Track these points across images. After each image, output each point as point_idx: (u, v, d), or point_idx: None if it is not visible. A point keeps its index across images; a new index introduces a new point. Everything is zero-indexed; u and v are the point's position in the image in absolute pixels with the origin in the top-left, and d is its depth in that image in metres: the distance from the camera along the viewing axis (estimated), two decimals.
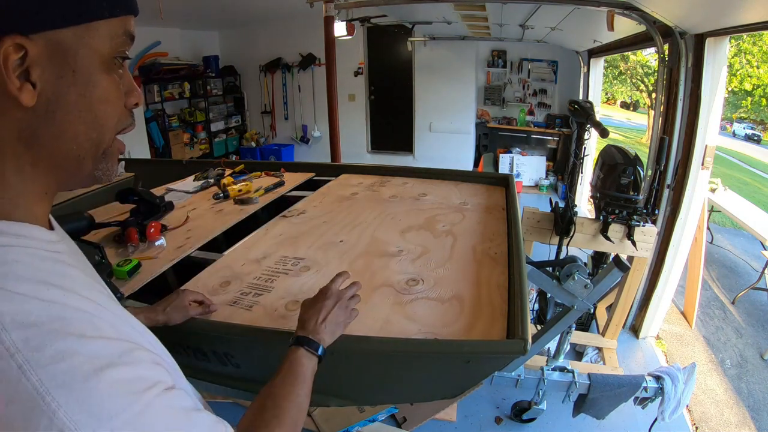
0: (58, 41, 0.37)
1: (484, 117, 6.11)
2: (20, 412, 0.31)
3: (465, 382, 0.92)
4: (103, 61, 0.41)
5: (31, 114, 0.38)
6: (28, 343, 0.33)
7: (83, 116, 0.40)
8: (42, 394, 0.32)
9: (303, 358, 0.67)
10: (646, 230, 2.08)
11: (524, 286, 0.99)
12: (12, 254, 0.37)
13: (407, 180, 1.92)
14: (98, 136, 0.42)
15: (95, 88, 0.40)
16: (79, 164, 0.42)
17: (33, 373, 0.32)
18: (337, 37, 2.98)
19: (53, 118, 0.39)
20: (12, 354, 0.32)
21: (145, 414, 0.36)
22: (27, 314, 0.34)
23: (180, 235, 1.41)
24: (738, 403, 2.26)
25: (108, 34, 0.40)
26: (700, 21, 1.97)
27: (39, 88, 0.37)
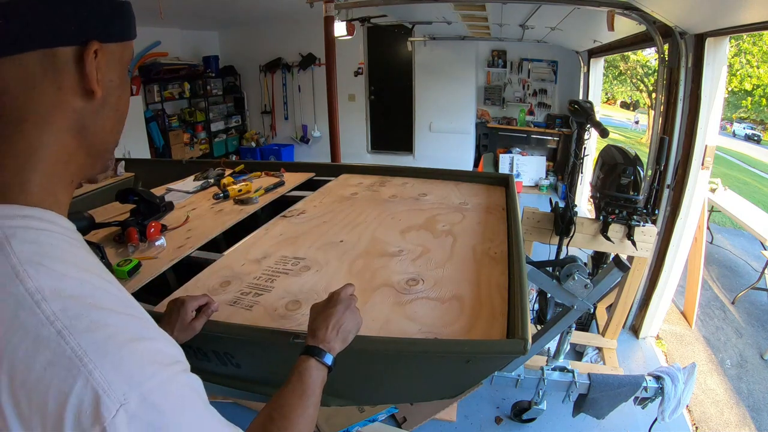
0: (113, 51, 0.46)
1: (484, 117, 6.11)
2: (59, 373, 0.34)
3: (465, 382, 0.92)
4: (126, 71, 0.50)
5: (88, 107, 0.45)
6: (66, 312, 0.36)
7: (117, 114, 0.49)
8: (80, 356, 0.35)
9: (313, 369, 0.65)
10: (646, 230, 2.08)
11: (524, 286, 0.99)
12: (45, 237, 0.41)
13: (407, 180, 1.92)
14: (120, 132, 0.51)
15: (124, 92, 0.50)
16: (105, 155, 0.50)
17: (72, 338, 0.35)
18: (337, 37, 2.98)
19: (102, 112, 0.47)
20: (52, 321, 0.36)
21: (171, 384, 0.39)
22: (64, 288, 0.38)
23: (180, 235, 1.41)
24: (738, 403, 2.26)
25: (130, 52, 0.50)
26: (700, 21, 1.97)
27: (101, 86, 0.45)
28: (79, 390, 0.34)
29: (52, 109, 0.43)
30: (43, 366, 0.34)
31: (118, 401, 0.35)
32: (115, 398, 0.35)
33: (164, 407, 0.37)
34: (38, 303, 0.36)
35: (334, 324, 0.72)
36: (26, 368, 0.35)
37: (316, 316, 0.74)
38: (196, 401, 0.42)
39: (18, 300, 0.36)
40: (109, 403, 0.34)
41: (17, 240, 0.39)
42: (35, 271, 0.37)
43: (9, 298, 0.36)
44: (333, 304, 0.75)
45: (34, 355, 0.35)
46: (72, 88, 0.43)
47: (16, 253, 0.38)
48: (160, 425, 0.37)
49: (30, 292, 0.36)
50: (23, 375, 0.34)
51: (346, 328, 0.72)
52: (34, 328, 0.35)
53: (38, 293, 0.36)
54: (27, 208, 0.42)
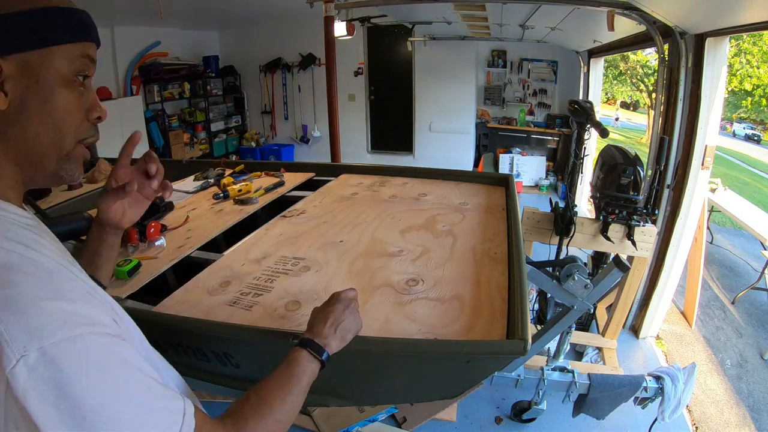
0: (26, 60, 0.48)
1: (484, 117, 6.11)
2: None
3: (465, 382, 0.92)
4: (63, 77, 0.50)
5: (3, 116, 0.47)
6: None
7: (43, 119, 0.49)
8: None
9: (303, 359, 0.65)
10: (646, 230, 2.08)
11: (524, 286, 0.99)
12: None
13: (407, 180, 1.92)
14: (58, 138, 0.51)
15: (55, 98, 0.50)
16: (42, 161, 0.51)
17: None
18: (337, 37, 2.98)
19: (18, 119, 0.48)
20: None
21: (77, 342, 0.40)
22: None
23: (180, 235, 1.41)
24: (738, 403, 2.26)
25: (67, 57, 0.50)
26: (700, 21, 1.97)
27: (10, 97, 0.47)
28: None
29: None
30: None
31: (18, 353, 0.38)
32: (16, 349, 0.38)
33: (65, 364, 0.39)
34: None
35: (332, 321, 0.71)
36: None
37: (316, 314, 0.74)
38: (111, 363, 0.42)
39: None
40: (9, 354, 0.37)
41: None
42: None
43: None
44: (333, 303, 0.74)
45: None
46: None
47: None
48: (60, 381, 0.38)
49: None
50: None
51: (345, 326, 0.71)
52: None
53: None
54: None
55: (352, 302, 0.76)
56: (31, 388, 0.37)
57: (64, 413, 0.38)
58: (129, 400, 0.42)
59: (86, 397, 0.39)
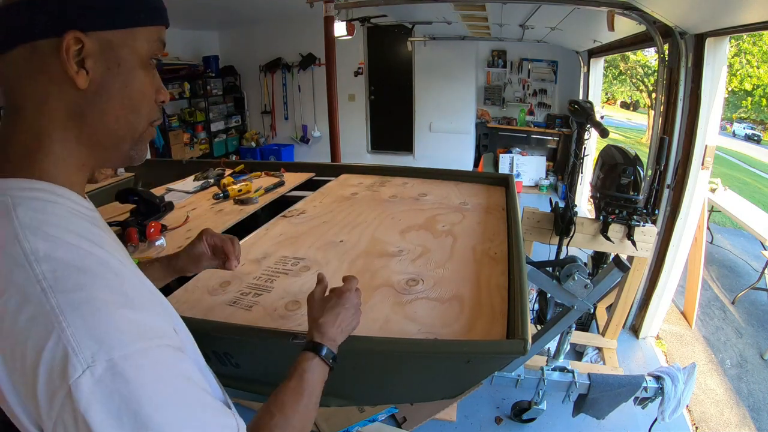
0: (108, 40, 0.46)
1: (484, 117, 6.11)
2: (38, 328, 0.37)
3: (465, 382, 0.92)
4: (141, 60, 0.50)
5: (82, 95, 0.46)
6: (53, 273, 0.39)
7: (123, 102, 0.49)
8: (57, 314, 0.37)
9: (317, 366, 0.64)
10: (646, 230, 2.08)
11: (524, 286, 0.99)
12: (51, 208, 0.45)
13: (407, 180, 1.92)
14: (134, 120, 0.51)
15: (134, 80, 0.49)
16: (118, 143, 0.51)
17: (53, 296, 0.38)
18: (337, 37, 2.98)
19: (99, 100, 0.47)
20: (39, 280, 0.38)
21: (146, 356, 0.39)
22: (56, 252, 0.41)
23: (180, 235, 1.41)
24: (738, 403, 2.26)
25: (146, 39, 0.50)
26: (700, 21, 1.97)
27: (91, 75, 0.46)
28: (51, 346, 0.36)
29: (45, 97, 0.45)
30: (26, 319, 0.37)
31: (85, 362, 0.36)
32: (83, 359, 0.36)
33: (132, 378, 0.37)
34: (31, 263, 0.39)
35: (340, 322, 0.69)
36: (13, 320, 0.38)
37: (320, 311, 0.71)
38: (176, 379, 0.41)
39: (15, 259, 0.40)
40: (75, 363, 0.36)
41: (22, 208, 0.43)
42: (33, 235, 0.41)
43: (7, 258, 0.40)
44: (341, 302, 0.71)
45: (20, 309, 0.38)
46: (62, 78, 0.45)
47: (19, 219, 0.42)
48: (126, 395, 0.37)
49: (26, 253, 0.40)
50: (10, 326, 0.38)
51: (350, 326, 0.72)
52: (23, 285, 0.38)
53: (32, 254, 0.40)
54: (38, 182, 0.46)
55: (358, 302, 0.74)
56: (95, 400, 0.36)
57: (126, 428, 0.36)
58: (191, 418, 0.41)
59: (151, 413, 0.38)
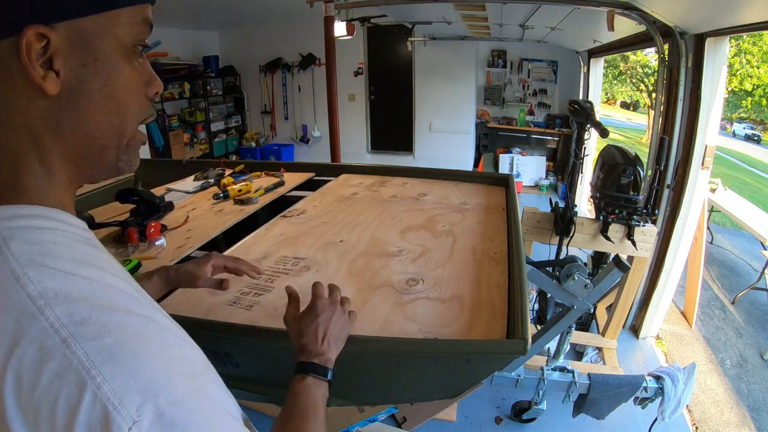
0: (80, 30, 0.38)
1: (484, 117, 6.11)
2: (66, 387, 0.31)
3: (465, 382, 0.92)
4: (124, 49, 0.41)
5: (55, 102, 0.38)
6: (72, 317, 0.33)
7: (106, 104, 0.40)
8: (87, 367, 0.31)
9: (311, 387, 0.60)
10: (646, 230, 2.08)
11: (524, 286, 0.99)
12: (49, 235, 0.38)
13: (407, 180, 1.92)
14: (121, 125, 0.42)
15: (118, 76, 0.41)
16: (102, 154, 0.42)
17: (78, 347, 0.32)
18: (337, 37, 2.98)
19: (77, 106, 0.39)
20: (56, 329, 0.32)
21: (194, 397, 0.35)
22: (71, 290, 0.34)
23: (180, 235, 1.41)
24: (738, 403, 2.26)
25: (128, 22, 0.40)
26: (700, 21, 1.97)
27: (62, 77, 0.37)
28: (87, 406, 0.31)
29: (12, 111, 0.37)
30: (50, 379, 0.31)
31: (130, 418, 0.31)
32: (127, 415, 0.31)
33: (184, 424, 0.33)
34: (41, 309, 0.33)
35: (323, 334, 0.66)
36: (33, 382, 0.31)
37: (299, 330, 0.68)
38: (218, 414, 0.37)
39: (20, 307, 0.33)
40: (120, 421, 0.31)
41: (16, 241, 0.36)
42: (37, 274, 0.34)
43: (11, 306, 0.33)
44: (316, 313, 0.69)
45: (40, 367, 0.31)
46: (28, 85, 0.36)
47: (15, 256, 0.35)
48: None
49: (32, 297, 0.33)
50: (30, 389, 0.31)
51: (336, 334, 0.68)
52: (39, 338, 0.32)
53: (41, 298, 0.33)
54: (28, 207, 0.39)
55: (334, 305, 0.72)
56: None
57: None
58: None
59: None
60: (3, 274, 0.34)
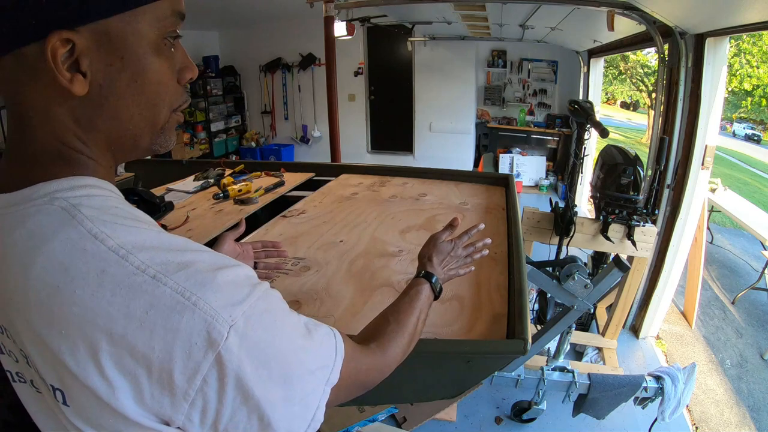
0: (104, 30, 0.38)
1: (484, 117, 6.11)
2: (162, 313, 0.35)
3: (465, 382, 0.92)
4: (152, 44, 0.42)
5: (86, 102, 0.40)
6: (154, 260, 0.37)
7: (136, 99, 0.42)
8: (181, 292, 0.35)
9: (427, 290, 0.71)
10: (646, 230, 2.08)
11: (524, 286, 0.99)
12: (110, 201, 0.42)
13: (407, 180, 1.92)
14: (153, 115, 0.44)
15: (146, 71, 0.42)
16: (136, 141, 0.45)
17: (168, 278, 0.36)
18: (337, 37, 2.98)
19: (107, 103, 0.41)
20: (144, 270, 0.36)
21: (265, 300, 0.40)
22: (145, 240, 0.38)
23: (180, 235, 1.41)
24: (738, 403, 2.26)
25: (155, 18, 0.41)
26: (700, 21, 1.97)
27: (90, 77, 0.39)
28: (186, 325, 0.35)
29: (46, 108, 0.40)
30: (144, 310, 0.34)
31: (227, 323, 0.36)
32: (224, 321, 0.35)
33: (266, 322, 0.39)
34: (125, 257, 0.36)
35: (445, 263, 0.78)
36: (125, 318, 0.34)
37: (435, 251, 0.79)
38: (284, 312, 0.43)
39: (103, 258, 0.36)
40: (219, 327, 0.35)
41: (85, 207, 0.39)
42: (112, 231, 0.38)
43: (92, 260, 0.36)
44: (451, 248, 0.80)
45: (131, 303, 0.35)
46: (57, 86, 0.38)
47: (89, 218, 0.38)
48: (266, 340, 0.38)
49: (113, 249, 0.36)
50: (123, 326, 0.34)
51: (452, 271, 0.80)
52: (127, 279, 0.35)
53: (122, 249, 0.37)
54: (86, 178, 0.42)
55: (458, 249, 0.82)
56: (244, 355, 0.36)
57: (273, 370, 0.38)
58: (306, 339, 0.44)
59: (285, 349, 0.40)
60: (80, 234, 0.37)
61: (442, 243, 0.81)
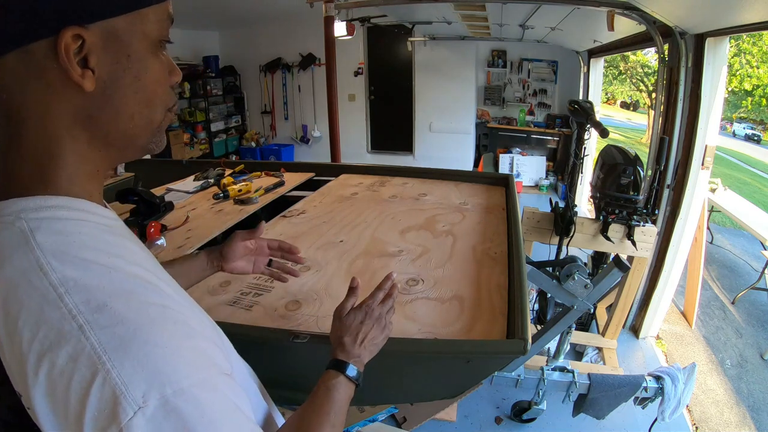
0: (112, 29, 0.40)
1: (484, 117, 6.11)
2: (80, 369, 0.33)
3: (465, 382, 0.92)
4: (152, 44, 0.43)
5: (89, 98, 0.40)
6: (88, 305, 0.35)
7: (137, 97, 0.43)
8: (99, 353, 0.33)
9: (341, 385, 0.62)
10: (646, 230, 2.08)
11: (524, 286, 0.99)
12: (73, 226, 0.40)
13: (407, 180, 1.92)
14: (151, 114, 0.45)
15: (147, 70, 0.43)
16: (134, 140, 0.45)
17: (92, 333, 0.34)
18: (337, 37, 2.98)
19: (110, 100, 0.41)
20: (74, 315, 0.34)
21: (199, 390, 0.35)
22: (90, 278, 0.36)
23: (180, 235, 1.41)
24: (738, 403, 2.26)
25: (156, 19, 0.43)
26: (700, 21, 1.97)
27: (97, 74, 0.39)
28: (97, 389, 0.33)
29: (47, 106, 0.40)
30: (66, 360, 0.34)
31: (135, 403, 0.33)
32: (133, 400, 0.33)
33: (189, 414, 0.34)
34: (61, 296, 0.35)
35: (363, 338, 0.67)
36: (52, 363, 0.34)
37: (342, 326, 0.69)
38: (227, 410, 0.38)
39: (43, 294, 0.35)
40: (125, 405, 0.33)
41: (42, 232, 0.38)
42: (59, 263, 0.37)
43: (34, 293, 0.36)
44: (363, 317, 0.70)
45: (58, 350, 0.34)
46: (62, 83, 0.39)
47: (40, 246, 0.37)
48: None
49: (54, 285, 0.36)
50: (50, 369, 0.34)
51: (374, 341, 0.69)
52: (58, 323, 0.35)
53: (62, 286, 0.36)
54: (54, 198, 0.41)
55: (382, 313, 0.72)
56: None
57: None
58: None
59: None
60: (29, 263, 0.37)
61: (348, 316, 0.70)
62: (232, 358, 0.52)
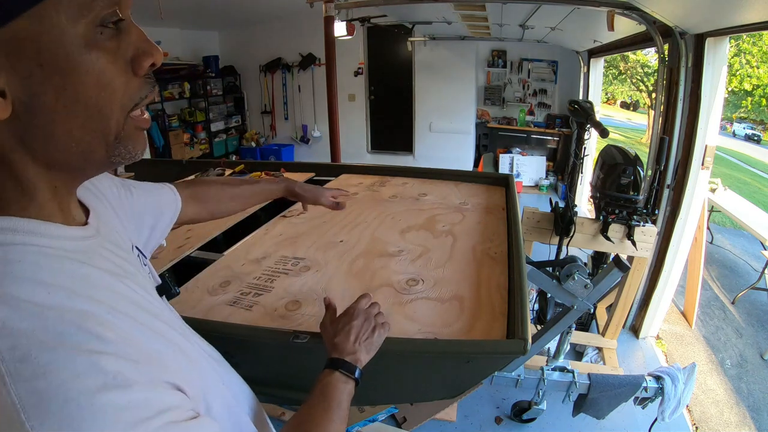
0: (11, 37, 0.31)
1: (484, 117, 6.11)
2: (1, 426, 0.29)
3: (465, 382, 0.92)
4: (80, 39, 0.33)
5: (14, 122, 0.33)
6: (13, 353, 0.30)
7: (71, 110, 0.34)
8: (18, 411, 0.29)
9: (338, 381, 0.60)
10: (646, 230, 2.08)
11: (524, 286, 0.99)
12: (14, 253, 0.34)
13: (407, 180, 1.92)
14: (100, 125, 0.37)
15: (77, 74, 0.33)
16: (87, 157, 0.38)
17: (13, 386, 0.29)
18: (337, 37, 2.98)
19: (35, 121, 0.34)
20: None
21: None
22: (19, 320, 0.31)
23: (180, 235, 1.41)
24: (738, 403, 2.26)
25: (75, 6, 0.32)
26: (700, 21, 1.97)
27: (10, 96, 0.32)
28: None
29: None
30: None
31: None
32: None
33: None
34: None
35: (355, 336, 0.67)
36: None
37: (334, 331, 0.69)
38: None
39: None
40: None
41: None
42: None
43: None
44: (351, 318, 0.70)
45: None
46: None
47: None
48: None
49: None
50: None
51: (370, 338, 0.69)
52: None
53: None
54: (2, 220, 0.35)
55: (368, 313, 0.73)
56: None
57: None
58: None
59: None
60: None
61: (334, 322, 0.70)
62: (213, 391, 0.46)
